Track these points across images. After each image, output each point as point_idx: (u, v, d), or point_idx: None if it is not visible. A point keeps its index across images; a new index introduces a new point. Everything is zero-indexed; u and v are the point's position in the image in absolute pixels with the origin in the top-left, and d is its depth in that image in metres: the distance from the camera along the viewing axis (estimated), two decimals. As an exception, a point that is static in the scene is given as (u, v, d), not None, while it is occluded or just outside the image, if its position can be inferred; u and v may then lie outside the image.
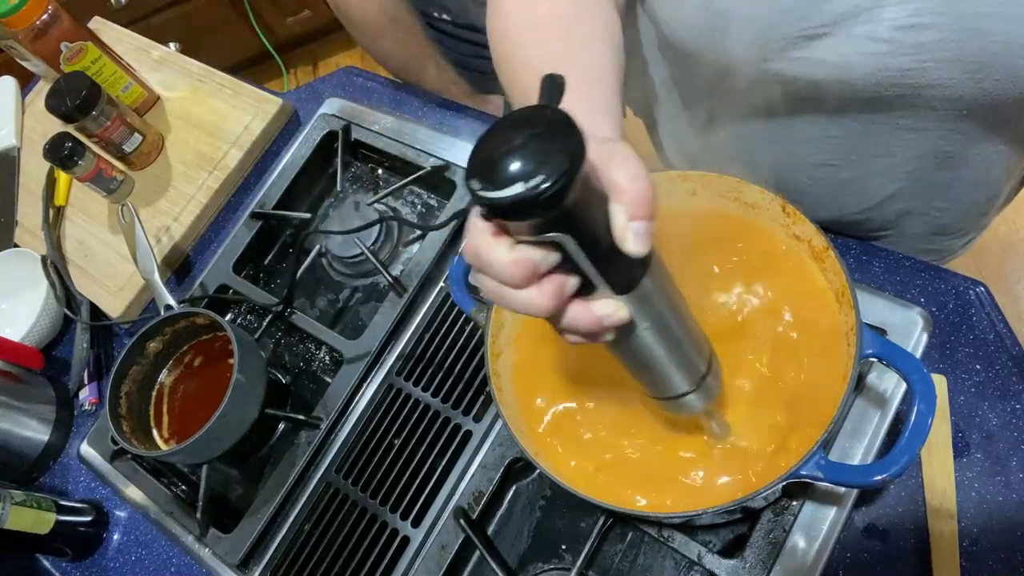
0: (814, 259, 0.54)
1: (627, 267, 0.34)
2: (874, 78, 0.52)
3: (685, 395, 0.46)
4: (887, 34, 0.49)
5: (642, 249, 0.33)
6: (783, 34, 0.51)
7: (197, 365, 0.82)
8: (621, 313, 0.35)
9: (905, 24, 0.48)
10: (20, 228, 1.05)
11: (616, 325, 0.35)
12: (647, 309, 0.37)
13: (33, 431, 0.88)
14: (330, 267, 0.88)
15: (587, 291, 0.34)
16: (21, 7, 0.93)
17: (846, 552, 0.58)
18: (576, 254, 0.32)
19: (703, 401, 0.47)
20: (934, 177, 0.62)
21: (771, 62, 0.54)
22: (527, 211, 0.29)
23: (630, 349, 0.40)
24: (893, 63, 0.50)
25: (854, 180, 0.65)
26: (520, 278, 0.32)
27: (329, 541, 0.71)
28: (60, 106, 0.90)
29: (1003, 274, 1.52)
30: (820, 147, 0.62)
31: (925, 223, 0.70)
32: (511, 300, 0.34)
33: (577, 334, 0.36)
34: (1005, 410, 0.59)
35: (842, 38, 0.50)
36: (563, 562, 0.65)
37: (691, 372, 0.44)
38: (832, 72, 0.52)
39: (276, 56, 2.32)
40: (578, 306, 0.35)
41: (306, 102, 1.01)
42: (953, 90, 0.51)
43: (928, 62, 0.49)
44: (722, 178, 0.56)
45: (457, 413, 0.72)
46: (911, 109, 0.54)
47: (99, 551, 0.83)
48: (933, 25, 0.47)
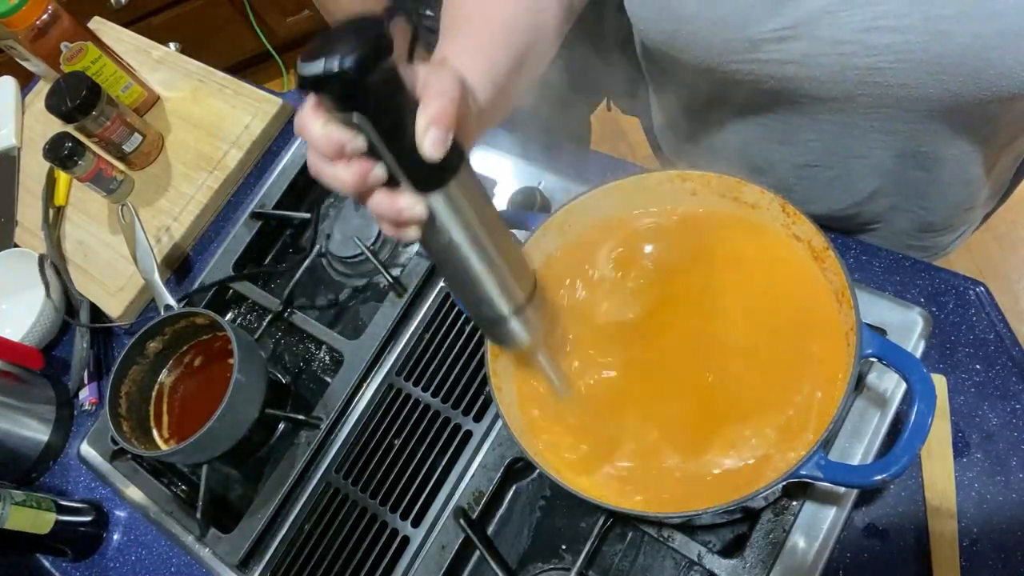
0: (814, 259, 0.54)
1: (430, 170, 0.39)
2: (842, 76, 0.53)
3: (506, 319, 0.48)
4: (852, 36, 0.50)
5: (436, 154, 0.37)
6: (747, 36, 0.52)
7: (197, 365, 0.82)
8: (418, 208, 0.39)
9: (870, 26, 0.49)
10: (20, 228, 1.05)
11: (414, 219, 0.40)
12: (453, 216, 0.41)
13: (33, 431, 0.88)
14: (330, 267, 0.88)
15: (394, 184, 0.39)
16: (21, 7, 0.93)
17: (846, 552, 0.58)
18: (376, 141, 0.37)
19: (525, 331, 0.49)
20: (913, 176, 0.63)
21: (738, 63, 0.55)
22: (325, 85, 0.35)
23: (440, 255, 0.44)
24: (860, 63, 0.51)
25: (837, 179, 0.66)
26: (328, 150, 0.37)
27: (329, 541, 0.71)
28: (60, 106, 0.90)
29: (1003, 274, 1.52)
30: (800, 148, 0.63)
31: (911, 220, 0.71)
32: (323, 173, 0.38)
33: (384, 222, 0.41)
34: (1005, 410, 0.59)
35: (807, 40, 0.51)
36: (563, 562, 0.65)
37: (508, 295, 0.47)
38: (801, 71, 0.53)
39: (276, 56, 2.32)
40: (382, 194, 0.39)
41: (306, 102, 1.00)
42: (920, 90, 0.51)
43: (894, 63, 0.50)
44: (722, 178, 0.56)
45: (457, 413, 0.72)
46: (882, 109, 0.55)
47: (99, 551, 0.83)
48: (897, 27, 0.48)
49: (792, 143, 0.63)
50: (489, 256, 0.44)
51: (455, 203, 0.41)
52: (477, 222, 0.42)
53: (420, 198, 0.39)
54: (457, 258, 0.43)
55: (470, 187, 0.42)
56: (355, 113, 0.36)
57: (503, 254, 0.45)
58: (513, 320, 0.48)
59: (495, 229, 0.44)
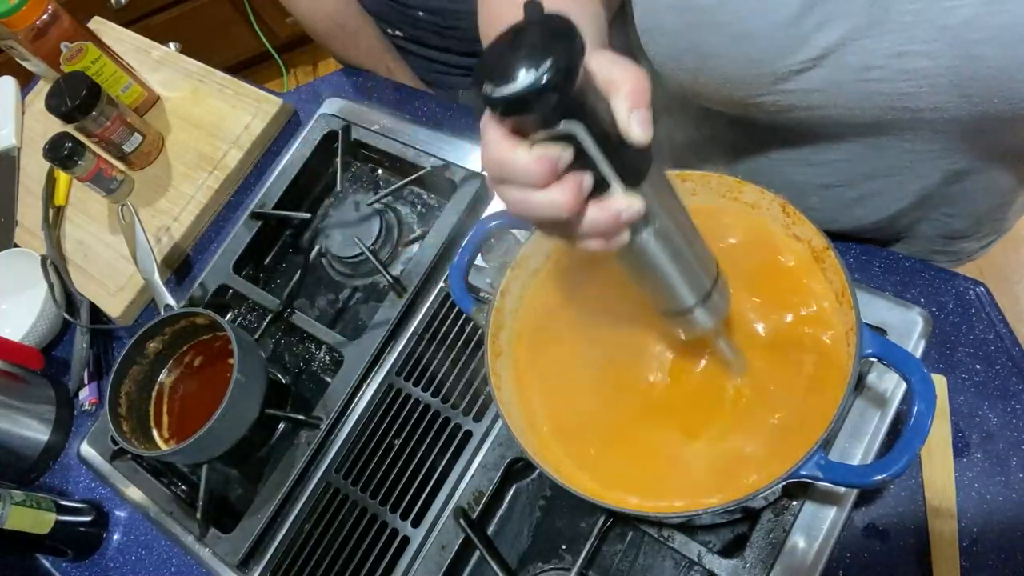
0: (814, 259, 0.54)
1: (635, 159, 0.36)
2: (870, 101, 0.52)
3: (692, 309, 0.46)
4: (880, 62, 0.49)
5: (645, 136, 0.35)
6: (773, 70, 0.51)
7: (197, 365, 0.82)
8: (636, 205, 0.36)
9: (898, 52, 0.48)
10: (20, 228, 1.05)
11: (632, 219, 0.37)
12: (654, 206, 0.39)
13: (33, 431, 0.88)
14: (330, 267, 0.88)
15: (600, 190, 0.36)
16: (21, 7, 0.93)
17: (846, 552, 0.58)
18: (588, 145, 0.34)
19: (711, 318, 0.47)
20: (943, 191, 0.62)
21: (764, 96, 0.54)
22: (539, 99, 0.31)
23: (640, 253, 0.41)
24: (888, 87, 0.50)
25: (863, 198, 0.64)
26: (543, 175, 0.34)
27: (329, 541, 0.71)
28: (60, 106, 0.90)
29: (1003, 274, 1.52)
30: (825, 170, 0.62)
31: (937, 228, 0.70)
32: (535, 203, 0.35)
33: (596, 236, 0.37)
34: (1005, 410, 0.59)
35: (832, 69, 0.50)
36: (563, 562, 0.65)
37: (697, 284, 0.45)
38: (828, 98, 0.52)
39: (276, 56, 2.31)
40: (595, 205, 0.36)
41: (306, 102, 1.01)
42: (951, 112, 0.51)
43: (924, 87, 0.49)
44: (722, 178, 0.56)
45: (457, 413, 0.72)
46: (913, 132, 0.54)
47: (99, 551, 0.83)
48: (927, 52, 0.47)
49: (817, 164, 0.62)
50: (680, 247, 0.42)
51: (656, 191, 0.39)
52: (672, 209, 0.41)
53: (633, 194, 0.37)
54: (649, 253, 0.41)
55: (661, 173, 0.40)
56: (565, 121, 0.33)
57: (693, 243, 0.44)
58: (699, 308, 0.46)
59: (684, 215, 0.43)
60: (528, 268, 0.61)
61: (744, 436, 0.52)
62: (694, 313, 0.47)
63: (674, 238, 0.42)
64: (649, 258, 0.42)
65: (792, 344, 0.54)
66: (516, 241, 0.73)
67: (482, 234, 0.62)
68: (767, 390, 0.53)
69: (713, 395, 0.55)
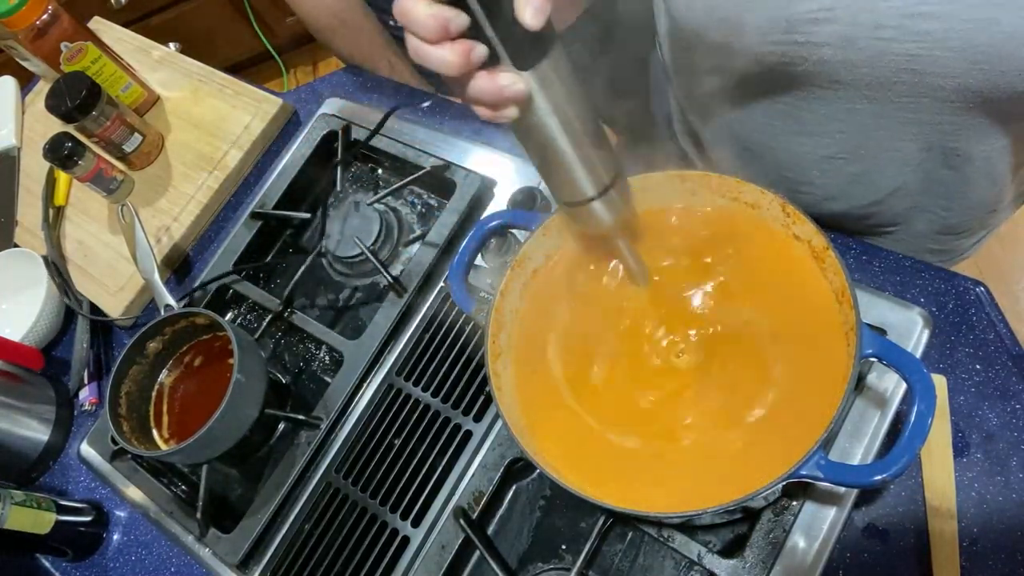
0: (814, 259, 0.54)
1: (528, 44, 0.40)
2: (879, 61, 0.52)
3: (590, 201, 0.48)
4: (893, 21, 0.49)
5: (535, 22, 0.37)
6: (785, 15, 0.52)
7: (197, 365, 0.82)
8: (519, 85, 0.40)
9: (912, 12, 0.48)
10: (20, 228, 1.05)
11: (515, 97, 0.40)
12: (547, 93, 0.42)
13: (33, 431, 0.88)
14: (330, 267, 0.88)
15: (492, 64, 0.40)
16: (21, 7, 0.93)
17: (846, 552, 0.58)
18: (480, 16, 0.38)
19: (610, 215, 0.50)
20: (940, 174, 0.62)
21: (775, 44, 0.54)
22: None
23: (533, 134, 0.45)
24: (899, 48, 0.50)
25: (863, 173, 0.65)
26: (433, 31, 0.37)
27: (329, 541, 0.71)
28: (60, 106, 0.90)
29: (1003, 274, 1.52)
30: (827, 140, 0.62)
31: (931, 221, 0.70)
32: (427, 55, 0.39)
33: (483, 104, 0.41)
34: (1005, 410, 0.59)
35: (845, 24, 0.50)
36: (563, 562, 0.65)
37: (595, 176, 0.48)
38: (837, 54, 0.53)
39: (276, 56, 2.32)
40: (483, 75, 0.40)
41: (306, 102, 1.01)
42: (959, 80, 0.51)
43: (935, 50, 0.49)
44: (722, 178, 0.56)
45: (457, 413, 0.72)
46: (916, 99, 0.54)
47: (99, 551, 0.83)
48: (940, 14, 0.47)
49: (819, 134, 0.62)
50: (579, 136, 0.45)
51: (550, 80, 0.42)
52: (568, 101, 0.43)
53: (520, 74, 0.40)
54: (548, 137, 0.44)
55: (563, 66, 0.42)
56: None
57: (591, 135, 0.46)
58: (598, 202, 0.49)
59: (585, 110, 0.45)
60: (528, 268, 0.61)
61: (743, 436, 0.52)
62: (592, 205, 0.49)
63: (571, 126, 0.44)
64: (544, 140, 0.45)
65: (792, 344, 0.54)
66: (516, 241, 0.73)
67: (482, 234, 0.62)
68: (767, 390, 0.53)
69: (713, 394, 0.55)
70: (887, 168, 0.63)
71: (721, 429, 0.53)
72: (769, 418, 0.52)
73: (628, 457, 0.55)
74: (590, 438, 0.56)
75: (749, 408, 0.53)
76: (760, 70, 0.58)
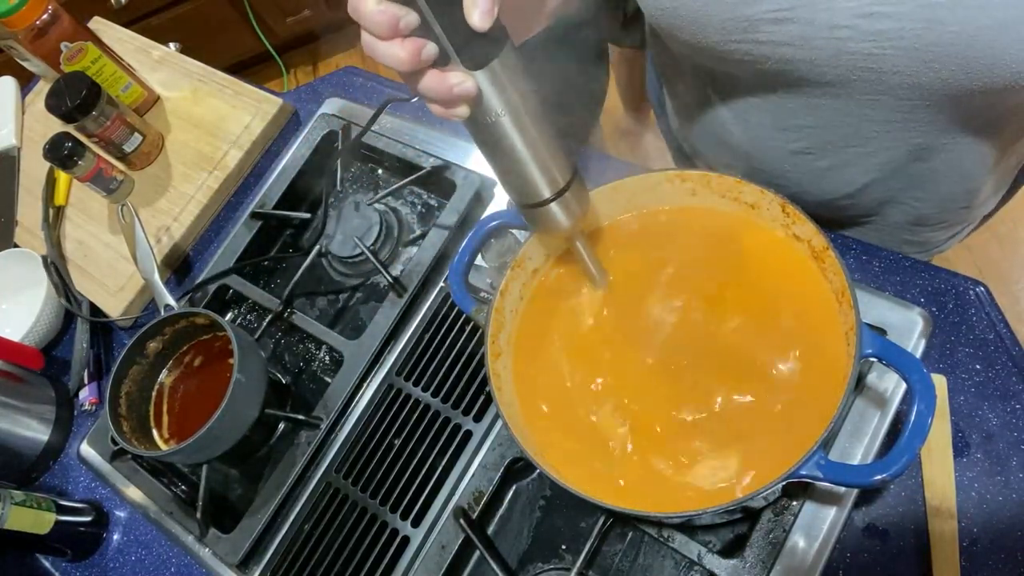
0: (814, 259, 0.54)
1: (478, 44, 0.40)
2: (838, 60, 0.53)
3: (547, 203, 0.49)
4: (847, 21, 0.50)
5: (484, 24, 0.38)
6: (744, 15, 0.53)
7: (197, 365, 0.82)
8: (468, 84, 0.41)
9: (866, 12, 0.49)
10: (20, 228, 1.05)
11: (464, 95, 0.41)
12: (499, 93, 0.43)
13: (33, 431, 0.88)
14: (330, 267, 0.88)
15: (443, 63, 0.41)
16: (21, 7, 0.93)
17: (846, 552, 0.58)
18: (428, 15, 0.38)
19: (566, 217, 0.50)
20: (908, 168, 0.63)
21: (736, 43, 0.55)
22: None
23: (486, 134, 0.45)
24: (855, 48, 0.51)
25: (832, 168, 0.66)
26: (383, 28, 0.38)
27: (329, 541, 0.71)
28: (60, 106, 0.90)
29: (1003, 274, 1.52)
30: (796, 135, 0.63)
31: (905, 213, 0.71)
32: (378, 51, 0.39)
33: (434, 102, 0.42)
34: (1005, 410, 0.59)
35: (803, 23, 0.51)
36: (563, 562, 0.65)
37: (549, 177, 0.48)
38: (798, 53, 0.53)
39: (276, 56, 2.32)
40: (434, 72, 0.41)
41: (306, 102, 1.01)
42: (914, 78, 0.52)
43: (888, 49, 0.50)
44: (722, 178, 0.56)
45: (457, 413, 0.72)
46: (878, 97, 0.55)
47: (99, 551, 0.83)
48: (893, 14, 0.48)
49: (788, 129, 0.63)
50: (532, 137, 0.45)
51: (501, 81, 0.42)
52: (521, 102, 0.44)
53: (470, 74, 0.41)
54: (502, 137, 0.45)
55: (515, 68, 0.43)
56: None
57: (545, 137, 0.46)
58: (555, 204, 0.49)
59: (538, 113, 0.45)
60: (528, 268, 0.61)
61: (743, 435, 0.52)
62: (549, 207, 0.49)
63: (523, 126, 0.45)
64: (496, 139, 0.45)
65: (792, 344, 0.54)
66: (516, 241, 0.73)
67: (482, 234, 0.62)
68: (767, 390, 0.53)
69: (713, 394, 0.55)
70: (856, 162, 0.64)
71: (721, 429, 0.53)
72: (769, 418, 0.52)
73: (628, 457, 0.55)
74: (590, 438, 0.56)
75: (749, 408, 0.53)
76: (726, 68, 0.59)
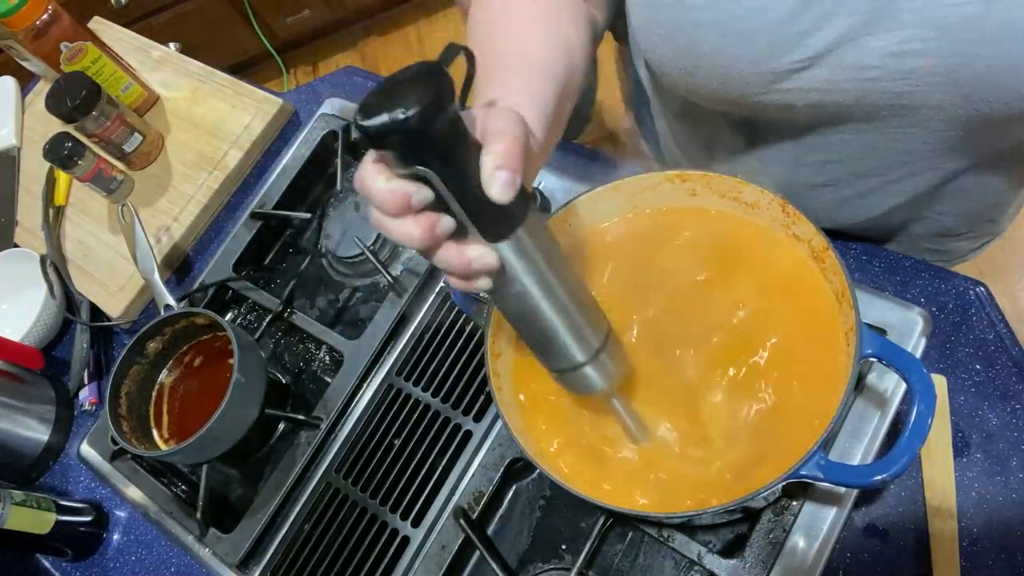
0: (814, 259, 0.54)
1: (498, 216, 0.38)
2: (867, 99, 0.52)
3: (579, 367, 0.47)
4: (877, 61, 0.49)
5: (505, 197, 0.36)
6: (769, 69, 0.51)
7: (197, 365, 0.82)
8: (489, 258, 0.38)
9: (895, 51, 0.48)
10: (20, 228, 1.05)
11: (484, 269, 0.38)
12: (524, 263, 0.40)
13: (33, 431, 0.88)
14: (330, 267, 0.88)
15: (462, 235, 0.38)
16: (21, 7, 0.93)
17: (846, 552, 0.58)
18: (443, 191, 0.36)
19: (602, 379, 0.48)
20: (936, 191, 0.62)
21: (760, 95, 0.54)
22: (388, 140, 0.33)
23: (513, 304, 0.43)
24: (885, 86, 0.50)
25: (855, 197, 0.65)
26: (394, 206, 0.36)
27: (329, 541, 0.71)
28: (60, 106, 0.90)
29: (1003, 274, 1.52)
30: (818, 170, 0.62)
31: (929, 226, 0.70)
32: (389, 228, 0.37)
33: (452, 275, 0.40)
34: (1005, 410, 0.59)
35: (831, 67, 0.50)
36: (563, 562, 0.65)
37: (582, 342, 0.46)
38: (825, 96, 0.53)
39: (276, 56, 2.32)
40: (451, 246, 0.38)
41: (306, 102, 1.01)
42: (949, 111, 0.51)
43: (921, 86, 0.49)
44: (722, 178, 0.56)
45: (457, 413, 0.72)
46: (906, 129, 0.54)
47: (99, 551, 0.83)
48: (925, 52, 0.47)
49: (809, 165, 0.62)
50: (562, 303, 0.43)
51: (525, 250, 0.39)
52: (548, 268, 0.41)
53: (490, 247, 0.38)
54: (529, 307, 0.42)
55: (539, 232, 0.40)
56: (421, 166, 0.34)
57: (576, 300, 0.44)
58: (588, 367, 0.47)
59: (567, 274, 0.43)
60: (528, 268, 0.61)
61: (743, 436, 0.52)
62: (583, 371, 0.47)
63: (552, 293, 0.42)
64: (524, 309, 0.43)
65: (792, 344, 0.54)
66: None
67: (482, 234, 0.61)
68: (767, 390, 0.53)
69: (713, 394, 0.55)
70: (881, 191, 0.63)
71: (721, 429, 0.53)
72: (769, 418, 0.52)
73: (628, 457, 0.55)
74: (590, 438, 0.56)
75: (749, 408, 0.53)
76: (748, 115, 0.58)
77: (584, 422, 0.56)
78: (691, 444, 0.54)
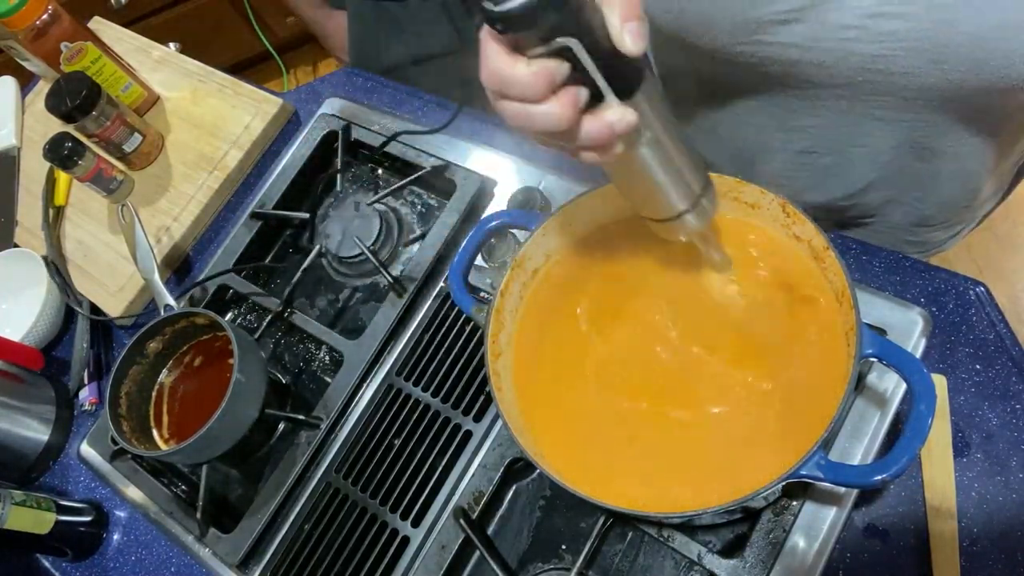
0: (814, 259, 0.54)
1: (628, 72, 0.38)
2: (846, 61, 0.53)
3: (682, 215, 0.48)
4: (856, 21, 0.50)
5: (638, 48, 0.35)
6: (752, 16, 0.52)
7: (197, 365, 0.82)
8: (629, 117, 0.38)
9: (874, 12, 0.49)
10: (20, 228, 1.05)
11: (625, 130, 0.38)
12: (647, 118, 0.40)
13: (33, 431, 0.88)
14: (330, 267, 0.88)
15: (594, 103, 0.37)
16: (21, 7, 0.93)
17: (846, 552, 0.58)
18: (584, 59, 0.35)
19: (700, 221, 0.49)
20: (912, 168, 0.64)
21: (743, 45, 0.55)
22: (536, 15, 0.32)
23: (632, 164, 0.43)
24: (863, 49, 0.51)
25: (836, 166, 0.66)
26: (541, 89, 0.35)
27: (329, 541, 0.71)
28: (60, 106, 0.90)
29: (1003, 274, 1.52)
30: (799, 135, 0.64)
31: (906, 213, 0.71)
32: (534, 116, 0.36)
33: (592, 148, 0.39)
34: (1005, 410, 0.59)
35: (812, 24, 0.51)
36: (563, 562, 0.65)
37: (687, 189, 0.47)
38: (805, 55, 0.53)
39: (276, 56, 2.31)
40: (591, 117, 0.37)
41: (306, 102, 1.01)
42: (922, 79, 0.52)
43: (897, 50, 0.50)
44: (722, 178, 0.56)
45: (457, 413, 0.72)
46: (884, 97, 0.55)
47: (99, 551, 0.83)
48: (901, 14, 0.48)
49: (792, 130, 0.63)
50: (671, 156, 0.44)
51: (651, 97, 0.40)
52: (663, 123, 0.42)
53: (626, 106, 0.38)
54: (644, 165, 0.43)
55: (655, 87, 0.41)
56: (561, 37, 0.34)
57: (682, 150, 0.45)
58: (689, 214, 0.48)
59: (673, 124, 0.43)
60: (528, 268, 0.61)
61: (743, 435, 0.52)
62: (683, 218, 0.48)
63: (665, 147, 0.43)
64: (640, 167, 0.43)
65: (792, 344, 0.54)
66: (516, 241, 0.73)
67: (482, 234, 0.62)
68: (767, 390, 0.53)
69: (713, 395, 0.55)
70: (860, 162, 0.64)
71: (721, 430, 0.53)
72: (769, 418, 0.52)
73: (628, 457, 0.55)
74: (590, 438, 0.56)
75: (749, 408, 0.53)
76: (732, 70, 0.59)
77: (584, 422, 0.56)
78: (691, 443, 0.54)
